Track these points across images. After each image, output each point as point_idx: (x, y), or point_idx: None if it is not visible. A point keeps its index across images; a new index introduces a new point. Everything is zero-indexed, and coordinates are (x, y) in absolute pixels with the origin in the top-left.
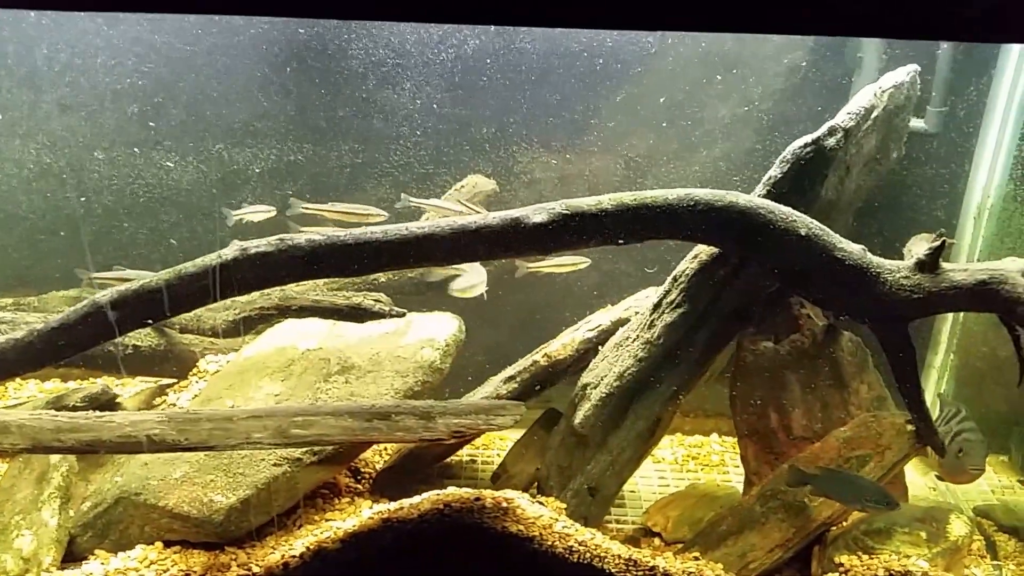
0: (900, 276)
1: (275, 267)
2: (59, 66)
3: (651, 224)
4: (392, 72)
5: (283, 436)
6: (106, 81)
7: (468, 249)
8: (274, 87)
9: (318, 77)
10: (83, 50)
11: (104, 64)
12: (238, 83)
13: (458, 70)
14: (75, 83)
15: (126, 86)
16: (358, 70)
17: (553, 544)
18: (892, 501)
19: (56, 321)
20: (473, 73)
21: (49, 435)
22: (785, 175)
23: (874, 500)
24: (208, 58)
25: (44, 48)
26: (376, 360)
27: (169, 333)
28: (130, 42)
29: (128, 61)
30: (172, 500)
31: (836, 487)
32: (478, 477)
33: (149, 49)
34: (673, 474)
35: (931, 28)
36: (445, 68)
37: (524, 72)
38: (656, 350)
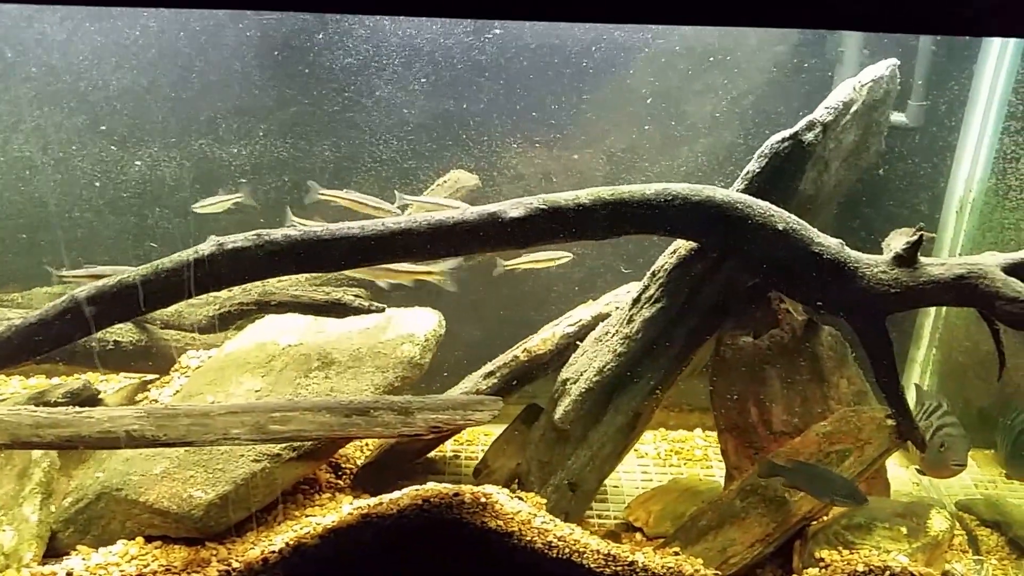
0: (878, 270)
1: (252, 262)
2: (41, 61)
3: (629, 219)
4: (374, 67)
5: (261, 432)
6: (90, 76)
7: (446, 244)
8: (257, 82)
9: (301, 72)
10: (65, 45)
11: (87, 59)
12: (221, 78)
13: (441, 65)
14: (58, 78)
15: (109, 81)
16: (341, 65)
17: (532, 539)
18: (860, 496)
19: (35, 317)
20: (456, 68)
21: (28, 431)
22: (763, 169)
23: (843, 494)
24: (190, 53)
25: (24, 43)
26: (356, 356)
27: (150, 329)
28: (111, 37)
29: (110, 56)
30: (152, 496)
31: (807, 480)
32: (462, 472)
33: (131, 44)
34: (656, 469)
35: (919, 22)
36: (427, 63)
37: (507, 67)
38: (635, 345)
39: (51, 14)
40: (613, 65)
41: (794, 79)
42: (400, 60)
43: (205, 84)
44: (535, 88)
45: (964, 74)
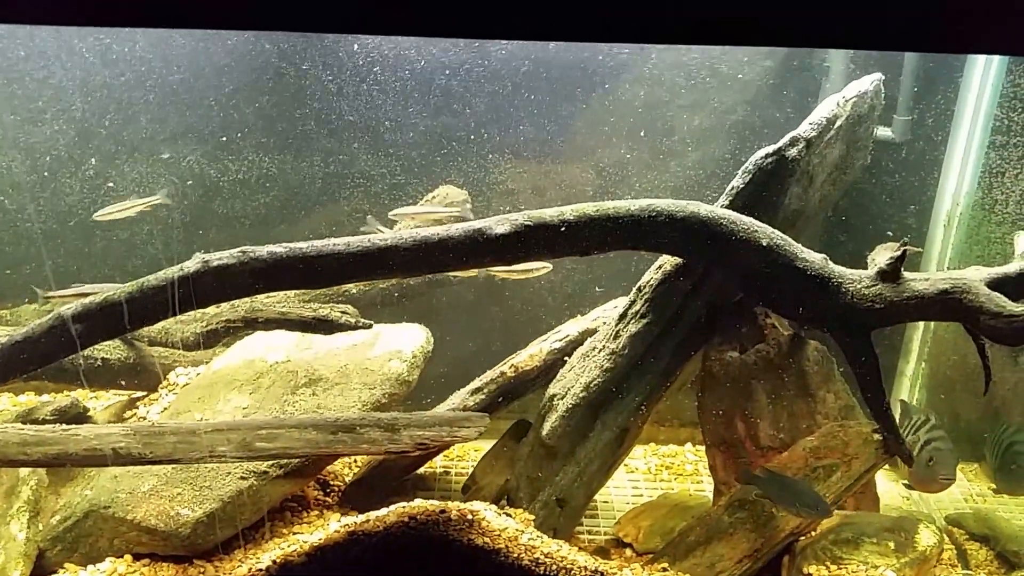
0: (862, 286)
1: (237, 279)
2: (30, 76)
3: (614, 235)
4: (364, 83)
5: (247, 449)
6: (79, 92)
7: (431, 260)
8: (246, 98)
9: (290, 88)
10: (54, 61)
11: (76, 75)
12: (211, 94)
13: (431, 81)
14: (47, 94)
15: (98, 97)
16: (331, 81)
17: (519, 556)
18: (824, 508)
19: (21, 335)
20: (446, 83)
21: (15, 448)
22: (747, 185)
23: (807, 505)
24: (182, 69)
25: (14, 58)
26: (344, 372)
27: (138, 346)
28: (100, 52)
29: (99, 72)
30: (140, 513)
31: (775, 490)
32: (451, 489)
33: (120, 60)
34: (646, 484)
35: (905, 40)
36: (418, 79)
37: (497, 82)
38: (622, 360)
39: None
40: (602, 80)
41: (781, 94)
42: (390, 75)
43: (194, 100)
44: (525, 103)
45: (950, 88)
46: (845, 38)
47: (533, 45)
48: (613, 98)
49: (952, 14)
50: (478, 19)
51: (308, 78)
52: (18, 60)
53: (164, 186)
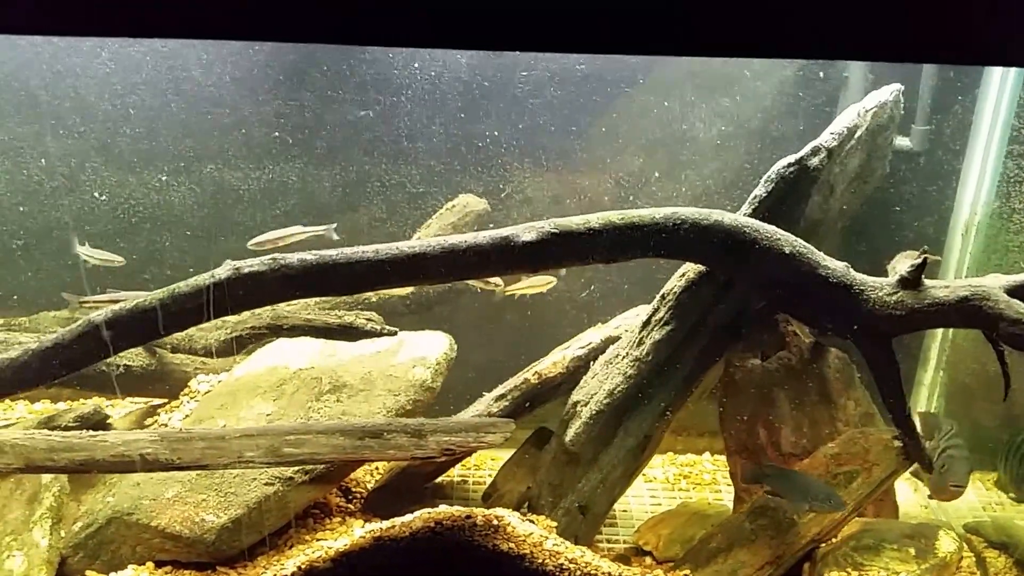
0: (883, 293)
1: (268, 286)
2: (49, 86)
3: (638, 242)
4: (383, 92)
5: (275, 455)
6: (98, 101)
7: (458, 268)
8: (266, 108)
9: (310, 98)
10: (74, 70)
11: (95, 84)
12: (230, 104)
13: (449, 90)
14: (65, 103)
15: (118, 107)
16: (350, 90)
17: (544, 562)
18: (838, 501)
19: (51, 340)
20: (465, 93)
21: (42, 455)
22: (770, 194)
23: (820, 499)
24: (200, 79)
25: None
26: (368, 379)
27: (160, 353)
28: (121, 62)
29: (120, 82)
30: (164, 520)
31: (786, 485)
32: (469, 497)
33: (141, 69)
34: (665, 493)
35: (924, 52)
36: (437, 88)
37: (515, 91)
38: (645, 367)
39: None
40: (622, 89)
41: (799, 103)
42: (410, 85)
43: (214, 108)
44: (544, 112)
45: (967, 98)
46: (861, 50)
47: (553, 55)
48: (630, 107)
49: (971, 26)
50: (488, 31)
51: (326, 88)
52: (42, 70)
53: (333, 222)
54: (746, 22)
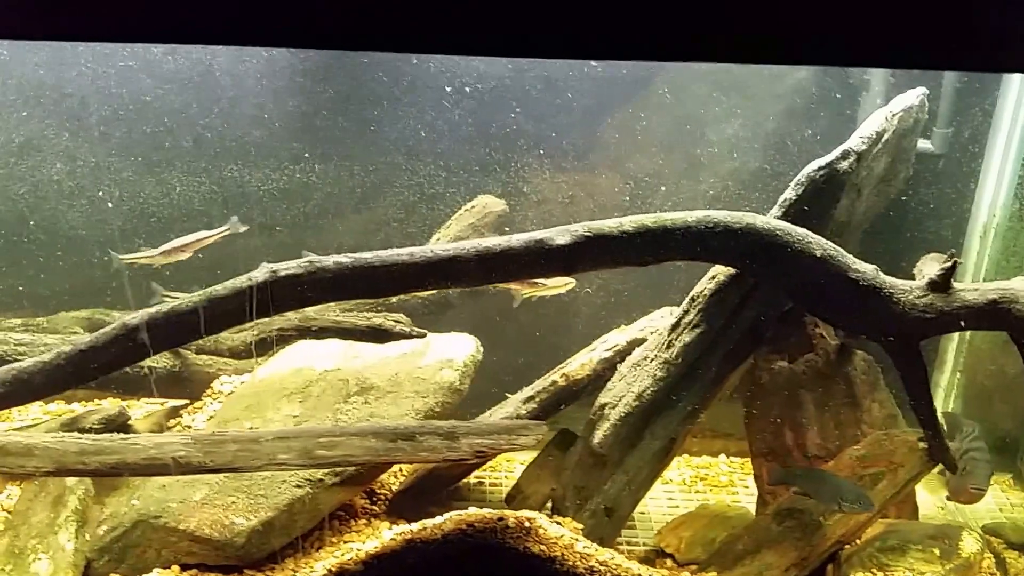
0: (913, 296)
1: (304, 289)
2: (71, 87)
3: (671, 246)
4: (402, 93)
5: (308, 457)
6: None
7: (493, 271)
8: (285, 108)
9: (329, 97)
10: (95, 72)
11: (115, 85)
12: (250, 104)
13: (467, 91)
14: (85, 103)
15: (137, 106)
16: (369, 91)
17: (574, 564)
18: (867, 501)
19: (85, 343)
20: (483, 94)
21: (73, 458)
22: (800, 197)
23: (850, 499)
24: (220, 79)
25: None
26: (395, 381)
27: (184, 354)
28: (142, 63)
29: (139, 82)
30: (193, 523)
31: (815, 486)
32: (486, 499)
33: (161, 70)
34: (682, 495)
35: (946, 59)
36: (455, 89)
37: (534, 92)
38: (674, 369)
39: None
40: (639, 89)
41: (818, 105)
42: (428, 86)
43: (233, 108)
44: (561, 113)
45: (987, 101)
46: (880, 57)
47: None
48: (647, 108)
49: (989, 33)
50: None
51: (344, 89)
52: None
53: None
54: (758, 28)
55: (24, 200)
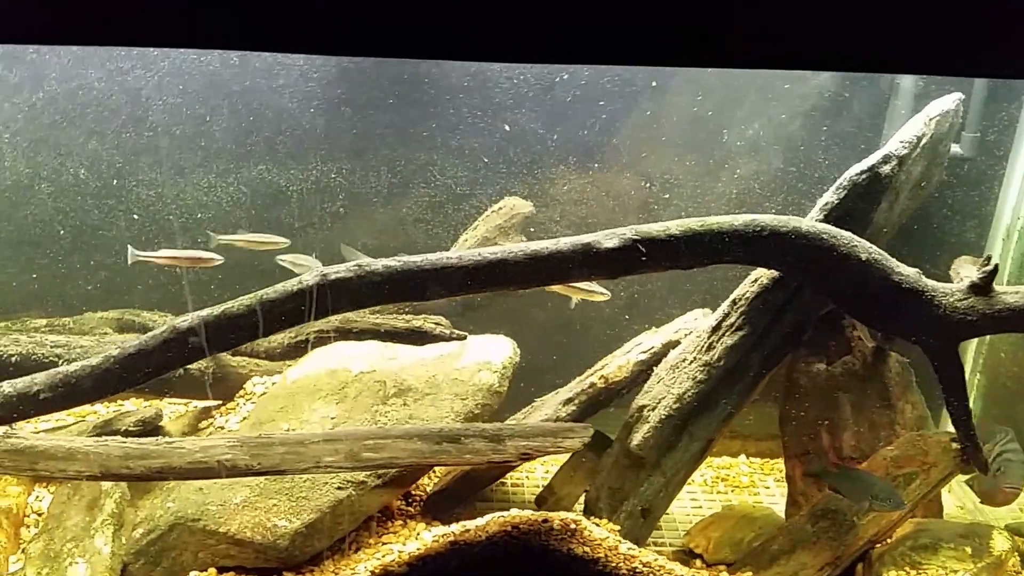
0: (954, 299)
1: (353, 292)
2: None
3: (718, 249)
4: (429, 94)
5: (354, 459)
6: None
7: (541, 274)
8: (313, 108)
9: (357, 98)
10: (120, 70)
11: (141, 84)
12: (278, 105)
13: (494, 92)
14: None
15: (163, 108)
16: (396, 92)
17: (618, 565)
18: (898, 500)
19: (133, 347)
20: (508, 95)
21: (117, 462)
22: (842, 201)
23: (882, 498)
24: (248, 79)
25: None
26: (433, 383)
27: (218, 355)
28: (170, 62)
29: (167, 81)
30: (234, 526)
31: (848, 484)
32: (509, 499)
33: (190, 69)
34: (704, 496)
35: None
36: (482, 90)
37: (560, 93)
38: (716, 372)
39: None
40: (665, 90)
41: (844, 108)
42: (455, 87)
43: (261, 109)
44: (589, 115)
45: (1013, 104)
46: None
47: None
48: (672, 111)
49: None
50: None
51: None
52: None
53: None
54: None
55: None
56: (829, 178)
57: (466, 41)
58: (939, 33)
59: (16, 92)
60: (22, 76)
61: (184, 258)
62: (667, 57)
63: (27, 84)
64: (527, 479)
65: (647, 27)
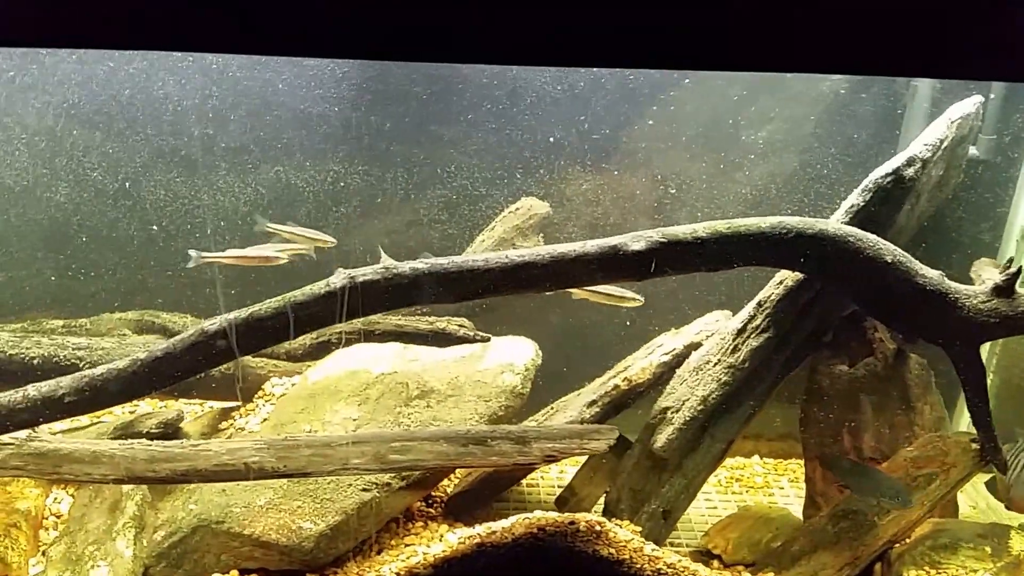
0: (977, 301)
1: (380, 295)
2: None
3: (744, 252)
4: (445, 95)
5: (381, 462)
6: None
7: (567, 276)
8: (329, 111)
9: (373, 100)
10: (135, 72)
11: (156, 85)
12: (294, 107)
13: (511, 93)
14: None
15: (181, 107)
16: (412, 93)
17: (643, 567)
18: (905, 498)
19: (161, 350)
20: (526, 96)
21: (143, 465)
22: (867, 203)
23: (888, 495)
24: (267, 81)
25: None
26: (455, 384)
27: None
28: (188, 64)
29: (184, 82)
30: (259, 528)
31: (857, 480)
32: (525, 500)
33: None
34: (719, 496)
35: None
36: (499, 90)
37: (577, 94)
38: (740, 374)
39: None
40: (683, 91)
41: (859, 109)
42: (472, 88)
43: (279, 111)
44: (605, 115)
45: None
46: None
47: None
48: (693, 110)
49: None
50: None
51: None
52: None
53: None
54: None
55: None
56: (844, 180)
57: (465, 43)
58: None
59: (33, 93)
60: (38, 77)
61: (251, 257)
62: (668, 59)
63: (43, 84)
64: (542, 479)
65: (647, 27)
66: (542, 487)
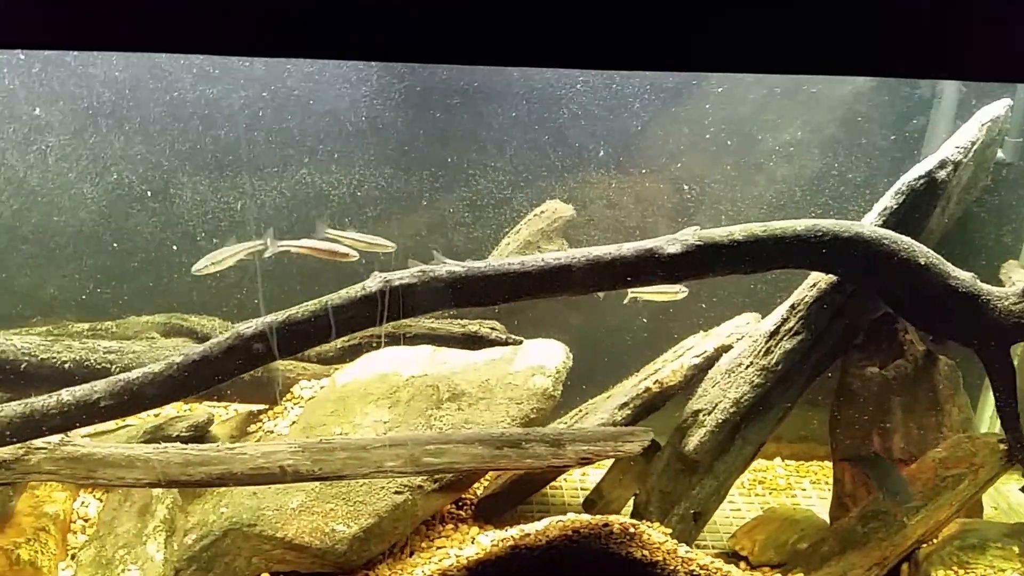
0: (1009, 303)
1: (417, 298)
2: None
3: (780, 254)
4: (471, 98)
5: (415, 464)
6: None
7: (603, 279)
8: (355, 113)
9: (398, 102)
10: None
11: (182, 89)
12: (320, 110)
13: (535, 96)
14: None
15: (205, 111)
16: (437, 96)
17: (676, 568)
18: (904, 497)
19: (197, 354)
20: (550, 99)
21: (177, 469)
22: (900, 206)
23: (891, 490)
24: (291, 84)
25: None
26: (486, 387)
27: None
28: (216, 66)
29: (210, 87)
30: (291, 530)
31: (877, 473)
32: (549, 502)
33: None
34: (742, 499)
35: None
36: (523, 93)
37: (600, 97)
38: (773, 377)
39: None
40: (707, 93)
41: (881, 112)
42: (496, 91)
43: (303, 113)
44: (629, 118)
45: None
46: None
47: None
48: (719, 113)
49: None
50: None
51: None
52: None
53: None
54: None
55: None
56: (871, 183)
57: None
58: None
59: (60, 95)
60: (65, 80)
61: (323, 250)
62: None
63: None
64: (565, 482)
65: (648, 28)
66: (565, 490)
